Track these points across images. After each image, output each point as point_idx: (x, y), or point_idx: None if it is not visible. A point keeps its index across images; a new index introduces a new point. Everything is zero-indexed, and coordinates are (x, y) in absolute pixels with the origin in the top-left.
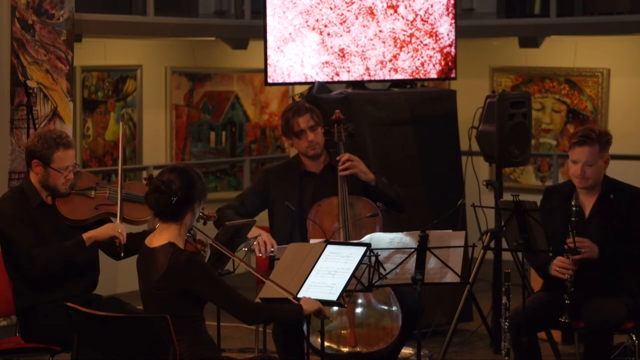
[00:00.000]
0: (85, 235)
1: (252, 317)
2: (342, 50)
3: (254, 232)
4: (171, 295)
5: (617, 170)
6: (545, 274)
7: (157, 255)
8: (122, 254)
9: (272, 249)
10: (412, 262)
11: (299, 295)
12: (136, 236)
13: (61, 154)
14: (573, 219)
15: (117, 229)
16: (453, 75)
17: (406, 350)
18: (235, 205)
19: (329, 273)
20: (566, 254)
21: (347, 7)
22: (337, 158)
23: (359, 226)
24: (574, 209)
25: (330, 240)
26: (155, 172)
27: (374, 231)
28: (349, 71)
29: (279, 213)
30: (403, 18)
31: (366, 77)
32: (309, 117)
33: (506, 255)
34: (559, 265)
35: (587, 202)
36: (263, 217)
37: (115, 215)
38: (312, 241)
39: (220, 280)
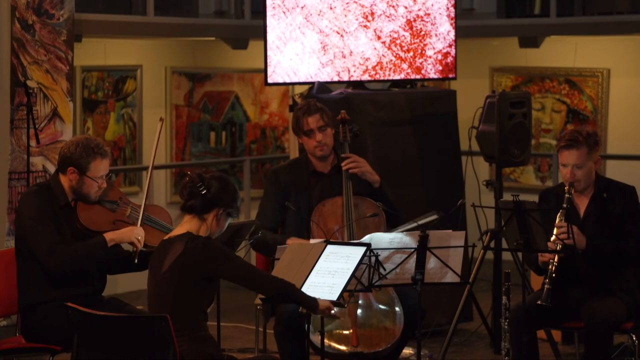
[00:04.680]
0: (107, 236)
1: (275, 290)
2: (342, 50)
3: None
4: (181, 284)
5: (617, 170)
6: (538, 268)
7: (173, 243)
8: (136, 260)
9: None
10: (412, 262)
11: None
12: (147, 254)
13: (98, 164)
14: (565, 205)
15: (136, 233)
16: (453, 75)
17: (406, 350)
18: (263, 225)
19: (329, 273)
20: (554, 239)
21: (347, 7)
22: (343, 156)
23: (363, 226)
24: (567, 195)
25: (331, 240)
26: (156, 172)
27: (378, 232)
28: (349, 71)
29: (288, 212)
30: (403, 18)
31: (366, 77)
32: (319, 117)
33: (506, 255)
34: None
35: (581, 203)
36: None
37: None
38: (312, 241)
39: (239, 258)
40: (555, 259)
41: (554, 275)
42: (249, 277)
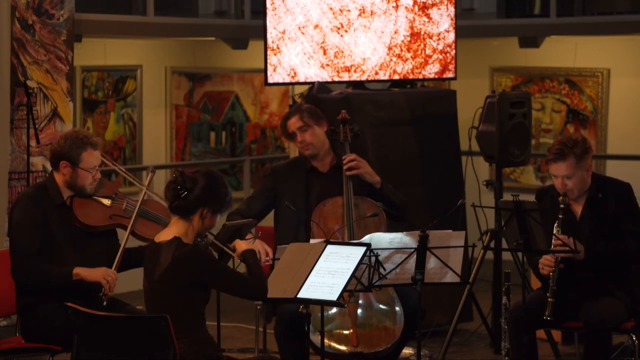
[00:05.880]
0: (75, 270)
1: (260, 294)
2: (342, 50)
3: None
4: (175, 290)
5: (617, 170)
6: (539, 274)
7: (162, 250)
8: (104, 303)
9: (268, 258)
10: (412, 262)
11: (299, 296)
12: (136, 250)
13: (89, 155)
14: (560, 216)
15: (107, 275)
16: (453, 75)
17: (406, 350)
18: (242, 209)
19: (329, 273)
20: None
21: (347, 7)
22: (343, 157)
23: (363, 226)
24: (561, 206)
25: (331, 240)
26: (156, 172)
27: (378, 232)
28: (349, 71)
29: (284, 211)
30: (403, 18)
31: (366, 77)
32: (298, 118)
33: (506, 255)
34: (543, 263)
35: (577, 205)
36: (268, 216)
37: (126, 228)
38: (312, 241)
39: (225, 267)
40: (557, 272)
41: (555, 287)
42: (235, 286)
